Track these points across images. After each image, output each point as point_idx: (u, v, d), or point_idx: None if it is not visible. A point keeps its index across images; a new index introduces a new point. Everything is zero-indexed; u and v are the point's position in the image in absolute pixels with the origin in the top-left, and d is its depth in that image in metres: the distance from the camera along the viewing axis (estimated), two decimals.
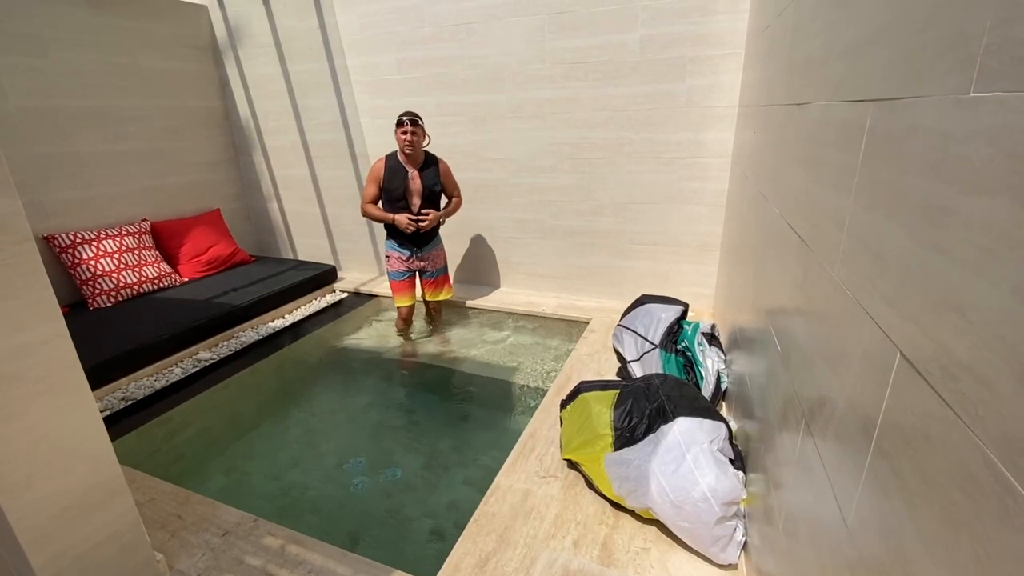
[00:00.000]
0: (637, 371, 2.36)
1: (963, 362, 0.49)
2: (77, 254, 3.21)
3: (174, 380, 2.79)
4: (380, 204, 3.09)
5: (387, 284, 4.08)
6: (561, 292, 3.65)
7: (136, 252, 3.47)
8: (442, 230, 3.87)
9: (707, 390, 2.15)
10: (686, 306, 2.55)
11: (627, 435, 1.70)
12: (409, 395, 2.91)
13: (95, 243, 3.29)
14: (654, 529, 1.62)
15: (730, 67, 2.76)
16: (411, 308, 3.36)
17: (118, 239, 3.40)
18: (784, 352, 1.26)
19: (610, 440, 1.72)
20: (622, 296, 3.39)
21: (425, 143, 3.02)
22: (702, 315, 3.16)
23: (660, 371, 2.25)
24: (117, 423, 2.41)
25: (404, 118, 2.90)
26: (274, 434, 2.48)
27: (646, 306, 2.60)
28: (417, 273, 3.32)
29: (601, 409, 1.81)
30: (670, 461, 1.57)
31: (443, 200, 3.25)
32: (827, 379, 0.90)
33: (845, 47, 0.97)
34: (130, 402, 2.57)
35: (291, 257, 4.62)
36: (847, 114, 0.92)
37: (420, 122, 2.94)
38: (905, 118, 0.67)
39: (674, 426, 1.66)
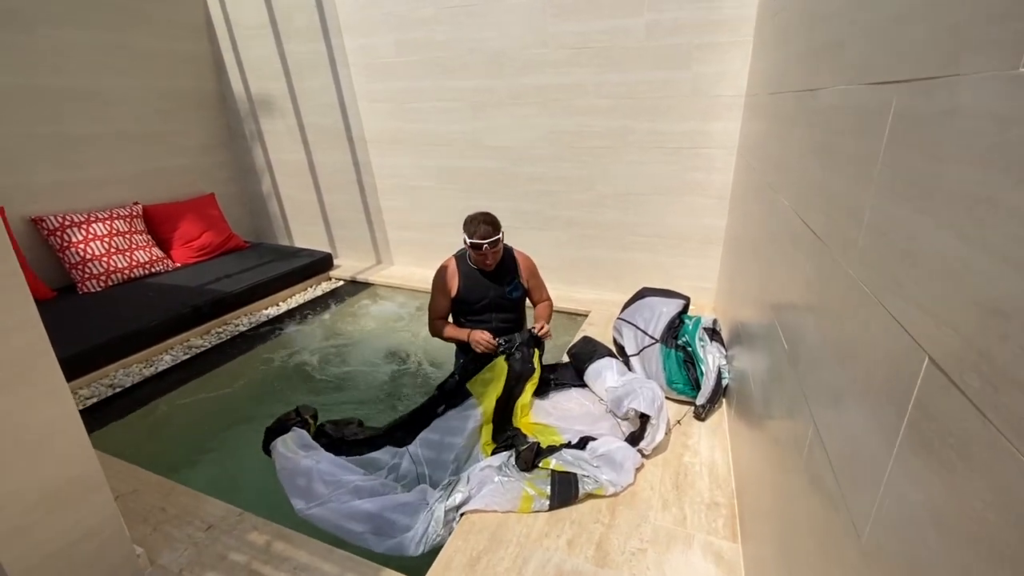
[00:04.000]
0: (636, 365, 2.31)
1: (1008, 373, 0.43)
2: (66, 237, 3.14)
3: (164, 368, 2.74)
4: (450, 318, 2.42)
5: (384, 272, 4.04)
6: (559, 284, 3.58)
7: (127, 236, 3.40)
8: (438, 219, 3.81)
9: (708, 386, 2.10)
10: (687, 300, 2.49)
11: None
12: (404, 386, 2.86)
13: (84, 226, 3.22)
14: (650, 529, 1.58)
15: (738, 54, 2.67)
16: None
17: (108, 222, 3.33)
18: (791, 351, 1.20)
19: None
20: (622, 289, 3.32)
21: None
22: (703, 309, 3.10)
23: (660, 366, 2.20)
24: (104, 411, 2.36)
25: (481, 243, 2.09)
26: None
27: (647, 299, 2.55)
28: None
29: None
30: None
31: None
32: (840, 382, 0.84)
33: (866, 27, 0.91)
34: (118, 390, 2.52)
35: (288, 244, 4.55)
36: (867, 98, 0.85)
37: (500, 235, 2.14)
38: (941, 100, 0.61)
39: None
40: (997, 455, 0.44)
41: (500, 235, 2.14)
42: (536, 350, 2.17)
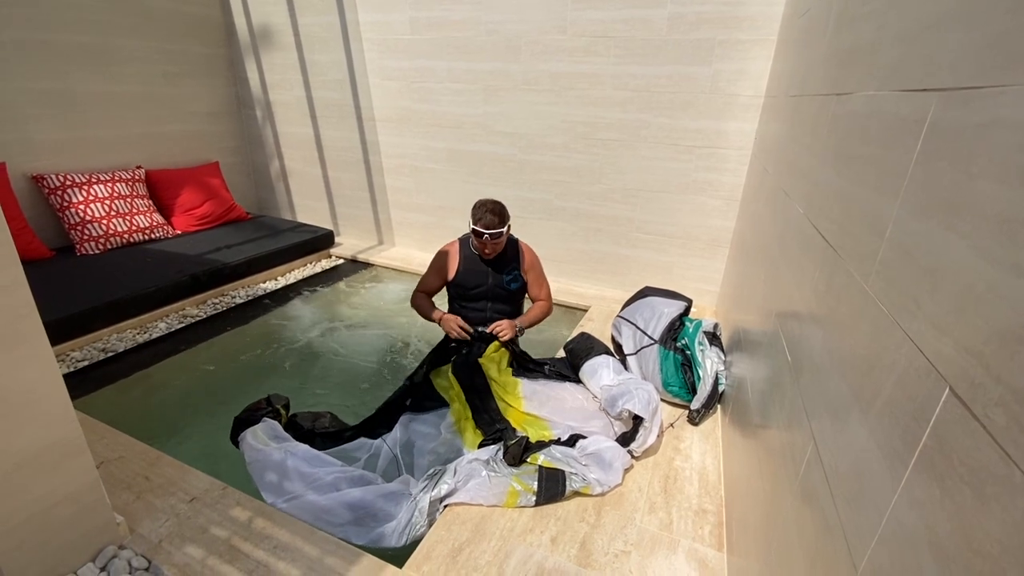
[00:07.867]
0: (633, 365, 2.28)
1: None
2: (66, 197, 3.10)
3: (158, 335, 2.72)
4: (447, 299, 2.45)
5: (385, 253, 4.00)
6: (561, 276, 3.55)
7: (128, 200, 3.36)
8: (444, 202, 3.77)
9: (704, 391, 2.07)
10: (690, 302, 2.46)
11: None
12: (396, 372, 2.84)
13: (86, 187, 3.18)
14: (636, 532, 1.56)
15: (760, 54, 2.61)
16: None
17: (110, 185, 3.29)
18: (795, 363, 1.17)
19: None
20: (624, 286, 3.29)
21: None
22: (705, 312, 3.07)
23: (657, 368, 2.17)
24: (96, 375, 2.34)
25: (484, 231, 2.08)
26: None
27: (649, 299, 2.51)
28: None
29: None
30: None
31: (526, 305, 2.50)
32: (846, 401, 0.81)
33: (902, 31, 0.86)
34: (110, 354, 2.50)
35: (290, 218, 4.51)
36: (901, 106, 0.81)
37: (504, 228, 2.13)
38: (980, 112, 0.56)
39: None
40: (1016, 496, 0.41)
41: (504, 228, 2.14)
42: (501, 346, 2.13)
